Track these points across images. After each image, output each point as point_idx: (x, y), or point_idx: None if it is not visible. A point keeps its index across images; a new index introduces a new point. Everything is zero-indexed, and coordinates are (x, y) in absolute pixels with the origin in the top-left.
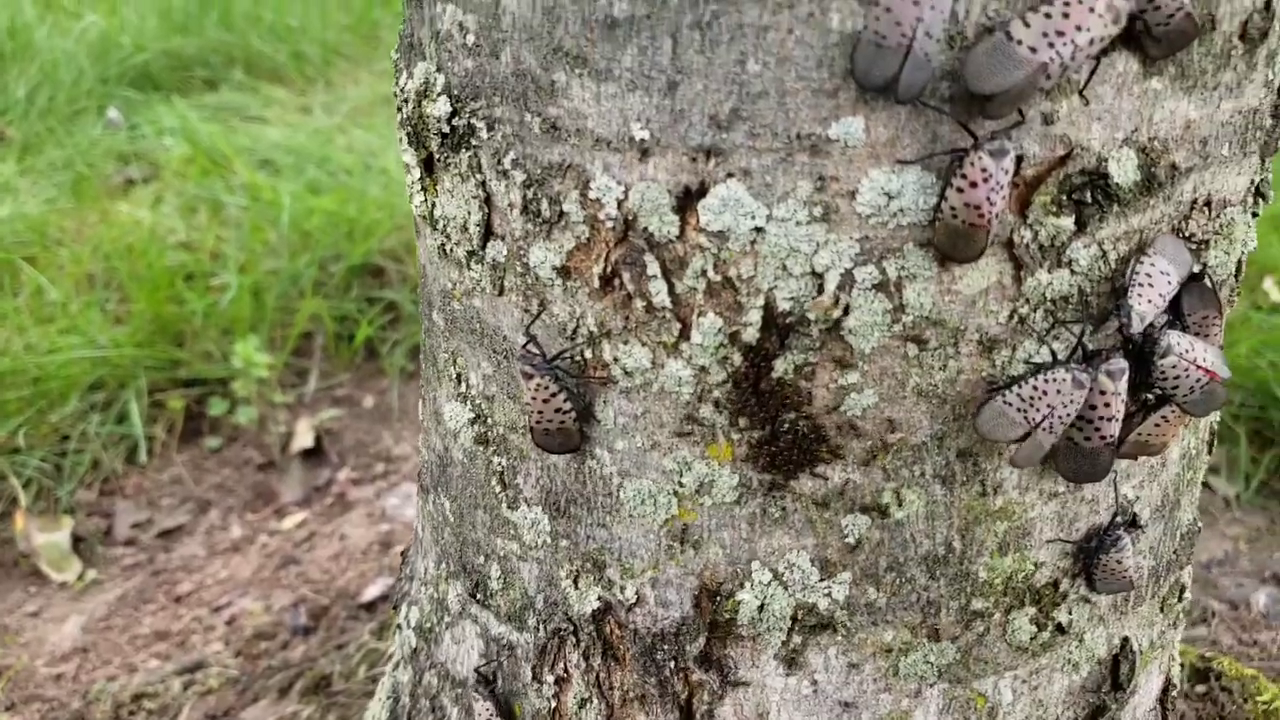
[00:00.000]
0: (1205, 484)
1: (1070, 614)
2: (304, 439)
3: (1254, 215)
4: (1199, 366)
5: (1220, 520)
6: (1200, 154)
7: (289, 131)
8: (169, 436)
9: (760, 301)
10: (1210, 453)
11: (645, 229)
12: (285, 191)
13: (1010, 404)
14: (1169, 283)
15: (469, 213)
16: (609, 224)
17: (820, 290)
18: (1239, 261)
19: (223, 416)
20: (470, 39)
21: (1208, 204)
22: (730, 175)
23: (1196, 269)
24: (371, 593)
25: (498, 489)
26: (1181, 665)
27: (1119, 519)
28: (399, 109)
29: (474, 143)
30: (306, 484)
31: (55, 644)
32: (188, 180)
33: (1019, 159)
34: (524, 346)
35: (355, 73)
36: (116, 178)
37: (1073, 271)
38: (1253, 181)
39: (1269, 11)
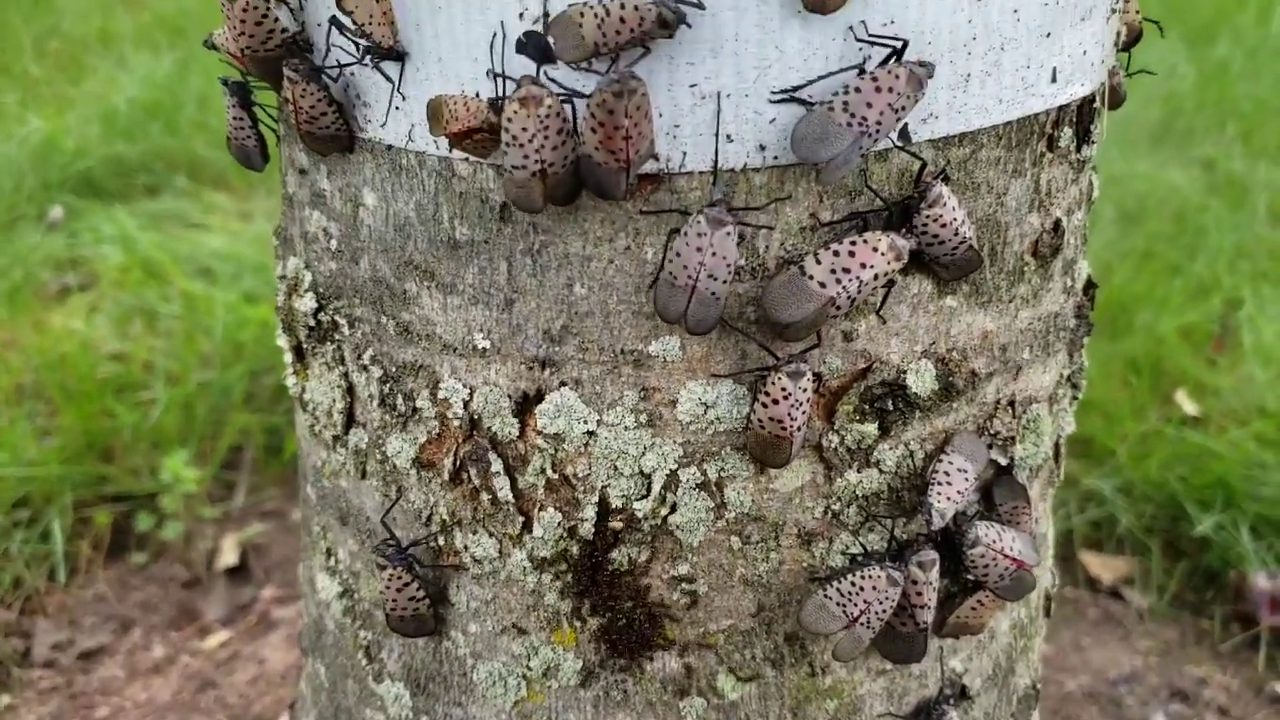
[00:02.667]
0: (1118, 595)
1: None
2: (229, 556)
3: (1074, 399)
4: (1007, 556)
5: (1133, 634)
6: (1000, 360)
7: (229, 239)
8: (94, 553)
9: (595, 498)
10: (1048, 615)
11: (489, 429)
12: (221, 301)
13: (830, 598)
14: (967, 479)
15: (334, 400)
16: (456, 422)
17: (648, 489)
18: (1056, 444)
19: (149, 532)
20: (334, 244)
21: (1011, 403)
22: (564, 384)
23: (1004, 462)
24: None
25: (364, 662)
26: None
27: (947, 691)
28: (276, 295)
29: (337, 337)
30: (230, 602)
31: None
32: (124, 289)
33: (818, 376)
34: (381, 540)
35: None
36: (53, 285)
37: (881, 471)
38: (1062, 375)
39: (1058, 231)
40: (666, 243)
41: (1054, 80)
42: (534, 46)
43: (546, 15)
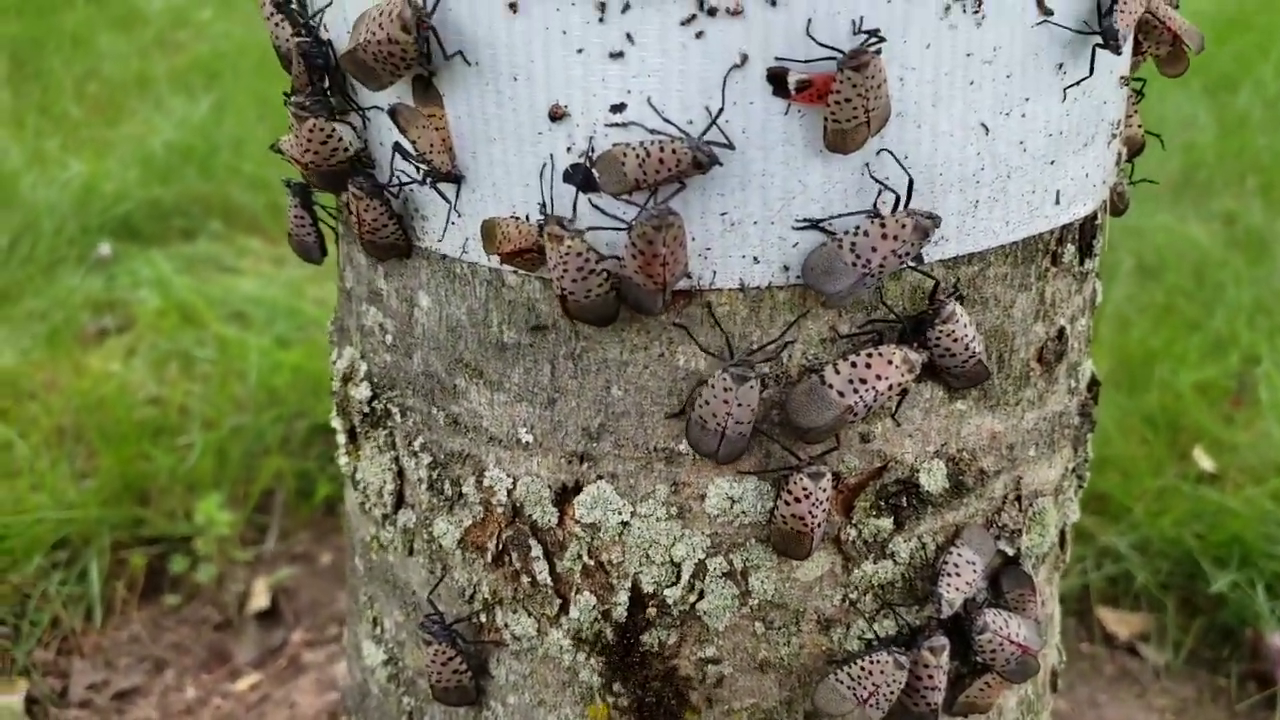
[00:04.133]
0: (1134, 652)
1: None
2: (260, 600)
3: (1079, 489)
4: (1013, 642)
5: (1149, 691)
6: (1008, 458)
7: (262, 283)
8: (129, 594)
9: (628, 584)
10: (1055, 690)
11: (530, 516)
12: (254, 346)
13: (842, 681)
14: (975, 570)
15: (384, 481)
16: (500, 509)
17: (678, 577)
18: (1062, 531)
19: (183, 574)
20: (389, 338)
21: (1018, 498)
22: (600, 477)
23: (1011, 553)
24: None
25: None
26: None
27: None
28: (331, 380)
29: (389, 424)
30: (261, 645)
31: None
32: (161, 333)
33: (837, 475)
34: (426, 616)
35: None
36: (92, 327)
37: (895, 562)
38: (1067, 469)
39: (1062, 339)
40: (693, 390)
41: (1058, 202)
42: (580, 177)
43: (592, 150)
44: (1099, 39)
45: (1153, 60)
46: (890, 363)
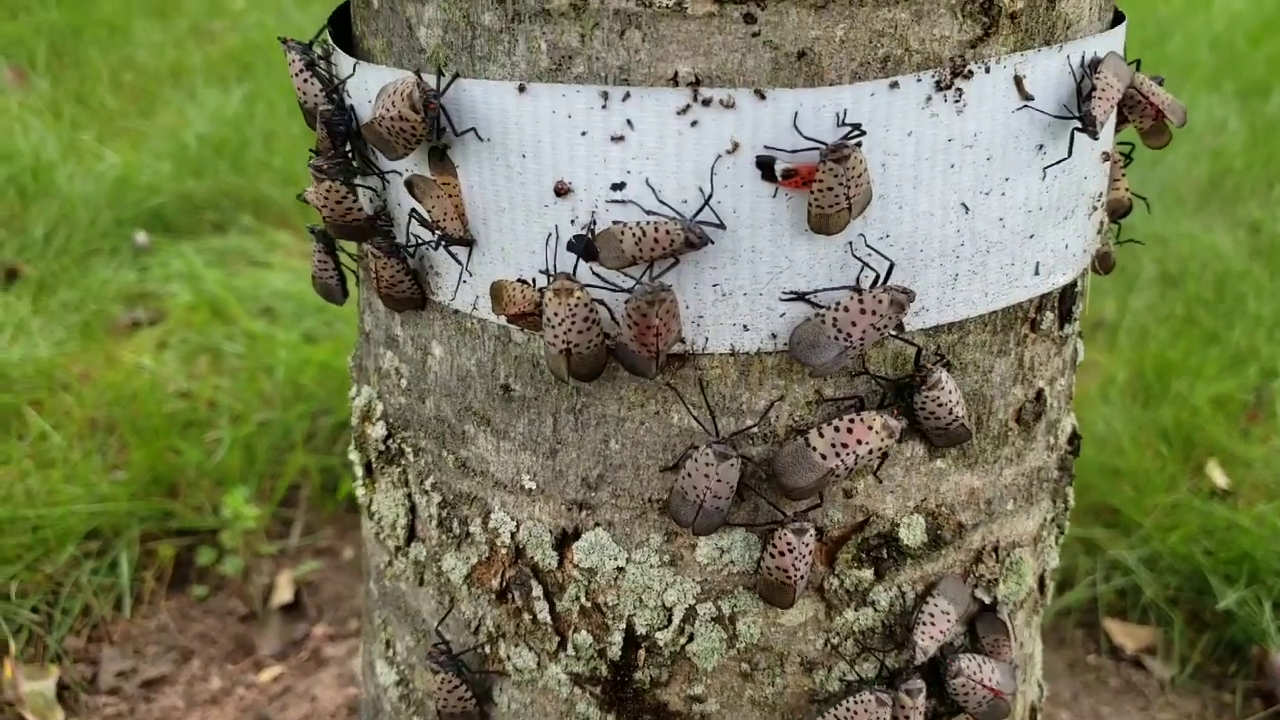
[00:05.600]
0: (1140, 665)
1: None
2: (284, 593)
3: (1058, 538)
4: (985, 686)
5: (1153, 704)
6: (986, 512)
7: (291, 277)
8: (158, 585)
9: (623, 625)
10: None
11: (532, 558)
12: (282, 341)
13: None
14: (949, 620)
15: (398, 515)
16: (504, 549)
17: (669, 620)
18: (1041, 577)
19: (210, 566)
20: (404, 382)
21: (996, 549)
22: (598, 524)
23: (988, 601)
24: None
25: None
26: None
27: None
28: (351, 416)
29: (403, 462)
30: (284, 638)
31: None
32: (192, 327)
33: (820, 530)
34: (434, 645)
35: None
36: (124, 319)
37: (875, 610)
38: (1046, 519)
39: (1040, 400)
40: (679, 460)
41: (1037, 273)
42: (581, 247)
43: (594, 224)
44: (1078, 123)
45: (1136, 131)
46: (870, 428)
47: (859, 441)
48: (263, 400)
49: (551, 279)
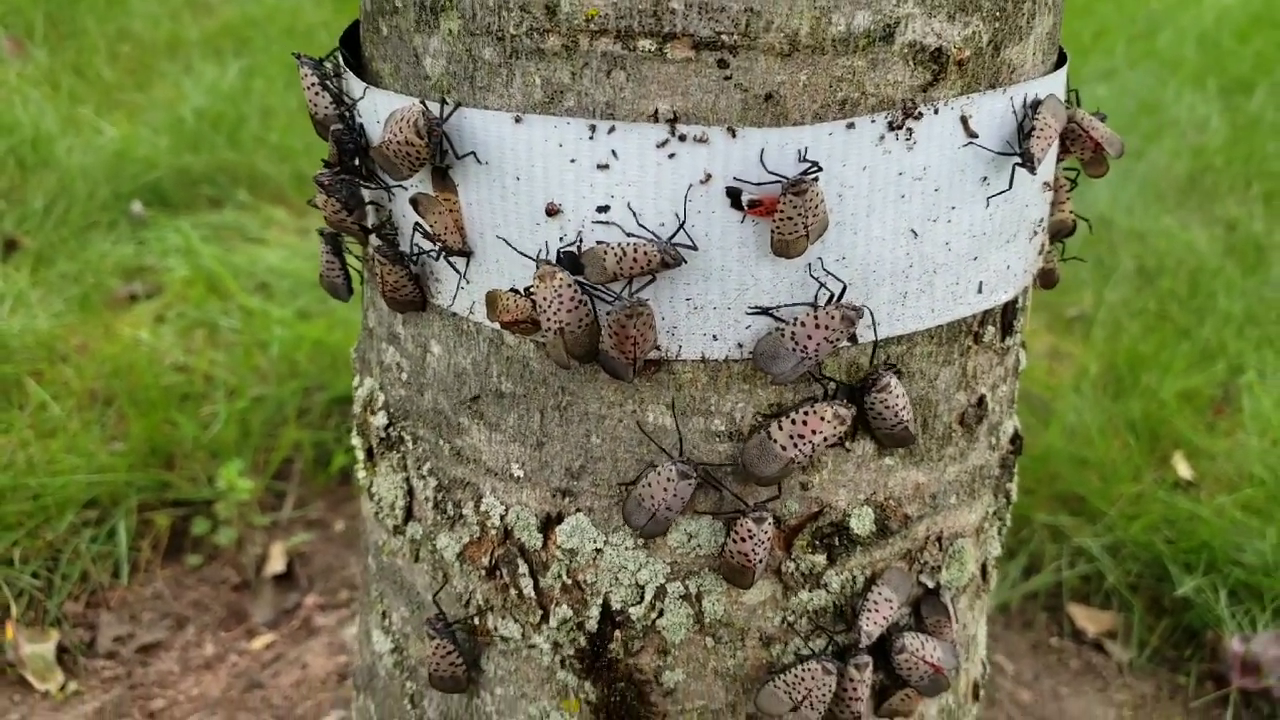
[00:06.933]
0: (1101, 648)
1: None
2: (276, 563)
3: (1000, 530)
4: (927, 662)
5: (1111, 685)
6: (930, 505)
7: (286, 254)
8: (154, 553)
9: (600, 601)
10: (977, 699)
11: (519, 539)
12: (277, 318)
13: (779, 687)
14: (892, 606)
15: (396, 497)
16: (494, 530)
17: (642, 597)
18: (984, 565)
19: (205, 536)
20: (404, 376)
21: (939, 539)
22: (579, 510)
23: (931, 585)
24: None
25: (408, 706)
26: None
27: None
28: (354, 404)
29: (402, 449)
30: (276, 607)
31: None
32: (188, 302)
33: (778, 519)
34: (433, 615)
35: None
36: (122, 292)
37: (828, 591)
38: (988, 513)
39: (982, 405)
40: (643, 472)
41: (980, 292)
42: (569, 261)
43: (580, 241)
44: (1019, 158)
45: (1078, 161)
46: (823, 419)
47: (814, 431)
48: (258, 375)
49: (538, 267)
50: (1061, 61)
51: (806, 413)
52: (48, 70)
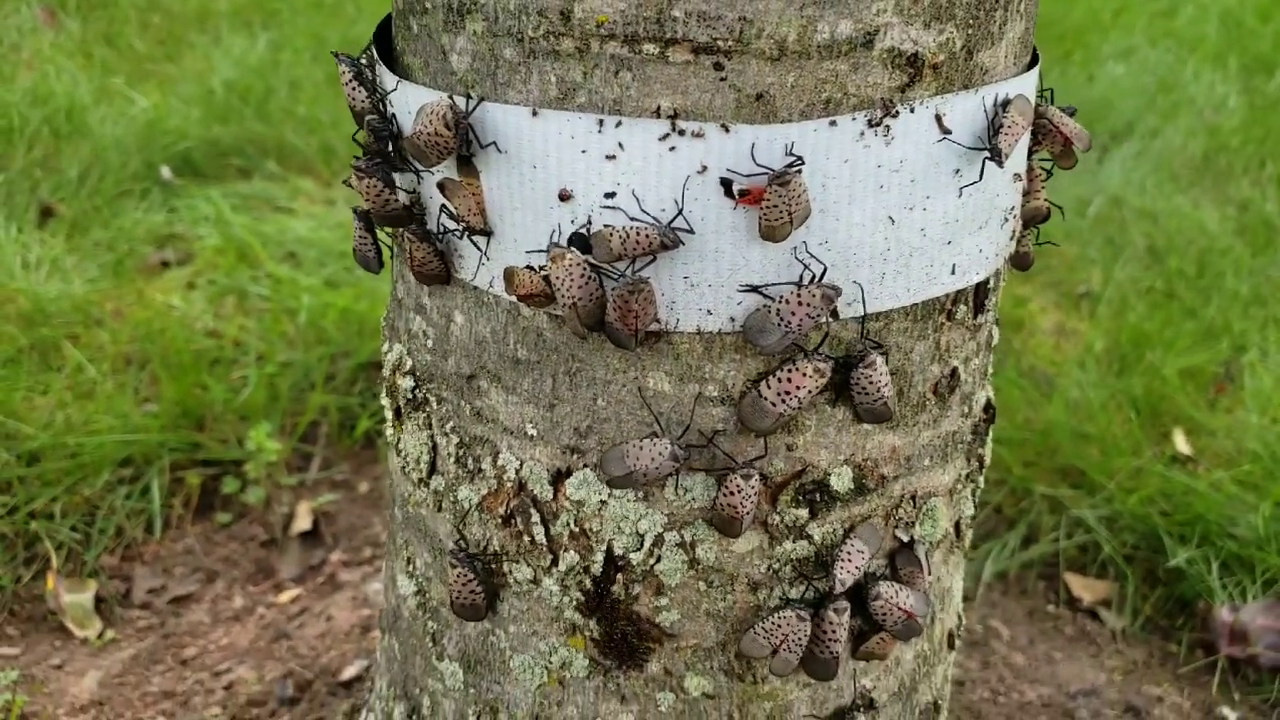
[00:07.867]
0: (1095, 616)
1: None
2: (303, 522)
3: (974, 491)
4: (900, 608)
5: (1103, 652)
6: (905, 467)
7: (314, 224)
8: (185, 510)
9: (604, 548)
10: (952, 648)
11: (532, 490)
12: (305, 286)
13: (759, 634)
14: (864, 557)
15: (421, 454)
16: (509, 483)
17: (642, 544)
18: (958, 523)
19: (234, 495)
20: (430, 343)
21: (914, 497)
22: (586, 465)
23: (906, 539)
24: (349, 673)
25: (430, 644)
26: None
27: (858, 702)
28: (384, 367)
29: (427, 409)
30: (302, 563)
31: (75, 696)
32: (218, 270)
33: (764, 476)
34: (455, 543)
35: None
36: (154, 259)
37: (810, 542)
38: (961, 474)
39: (954, 376)
40: (639, 443)
41: (953, 273)
42: (579, 242)
43: (589, 224)
44: (989, 153)
45: (1049, 154)
46: (805, 374)
47: (798, 387)
48: (286, 341)
49: (550, 249)
50: (1034, 62)
51: (789, 370)
52: (80, 41)
